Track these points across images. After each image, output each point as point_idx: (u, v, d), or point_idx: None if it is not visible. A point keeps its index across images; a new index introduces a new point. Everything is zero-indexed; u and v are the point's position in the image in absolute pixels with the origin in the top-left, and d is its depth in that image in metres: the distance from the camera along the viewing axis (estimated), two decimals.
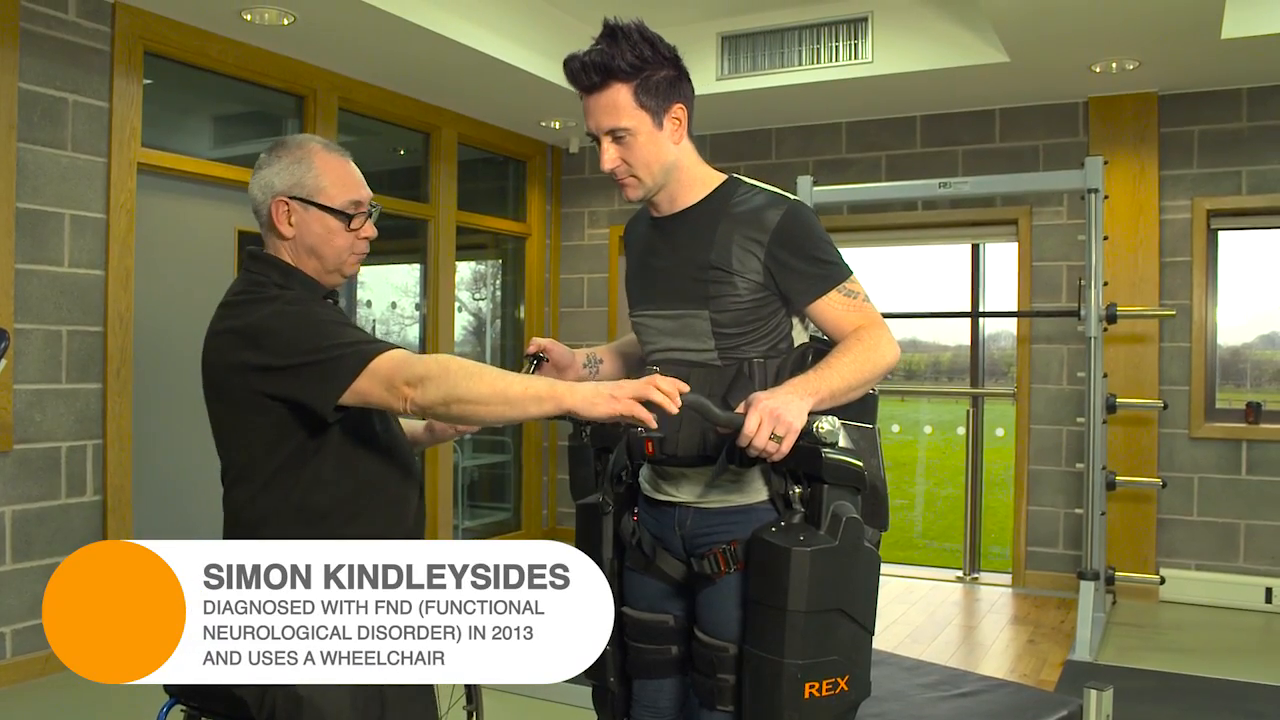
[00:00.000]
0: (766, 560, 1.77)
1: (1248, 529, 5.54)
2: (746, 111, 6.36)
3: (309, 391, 1.72)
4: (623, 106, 1.89)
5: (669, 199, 2.00)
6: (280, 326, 1.74)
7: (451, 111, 6.41)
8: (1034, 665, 4.57)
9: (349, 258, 1.90)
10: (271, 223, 1.86)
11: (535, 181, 7.33)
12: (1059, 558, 5.95)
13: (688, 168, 1.99)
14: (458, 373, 1.67)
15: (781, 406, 1.70)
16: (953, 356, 8.45)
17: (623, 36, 1.88)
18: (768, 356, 1.94)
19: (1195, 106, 5.67)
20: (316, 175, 1.85)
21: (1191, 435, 5.67)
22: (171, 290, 4.82)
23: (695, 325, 1.94)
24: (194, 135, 5.19)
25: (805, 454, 1.74)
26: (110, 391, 4.43)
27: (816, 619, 1.72)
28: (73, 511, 4.32)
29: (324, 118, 5.50)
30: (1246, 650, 4.85)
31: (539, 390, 1.67)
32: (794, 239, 1.90)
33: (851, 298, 1.91)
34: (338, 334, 1.74)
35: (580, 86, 1.93)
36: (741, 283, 1.90)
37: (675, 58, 1.94)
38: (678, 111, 1.94)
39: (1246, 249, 5.86)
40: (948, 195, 5.54)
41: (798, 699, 1.72)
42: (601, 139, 1.94)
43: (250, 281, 1.86)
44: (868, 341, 1.86)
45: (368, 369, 1.69)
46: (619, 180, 1.97)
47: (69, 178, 4.28)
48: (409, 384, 1.67)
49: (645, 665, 2.06)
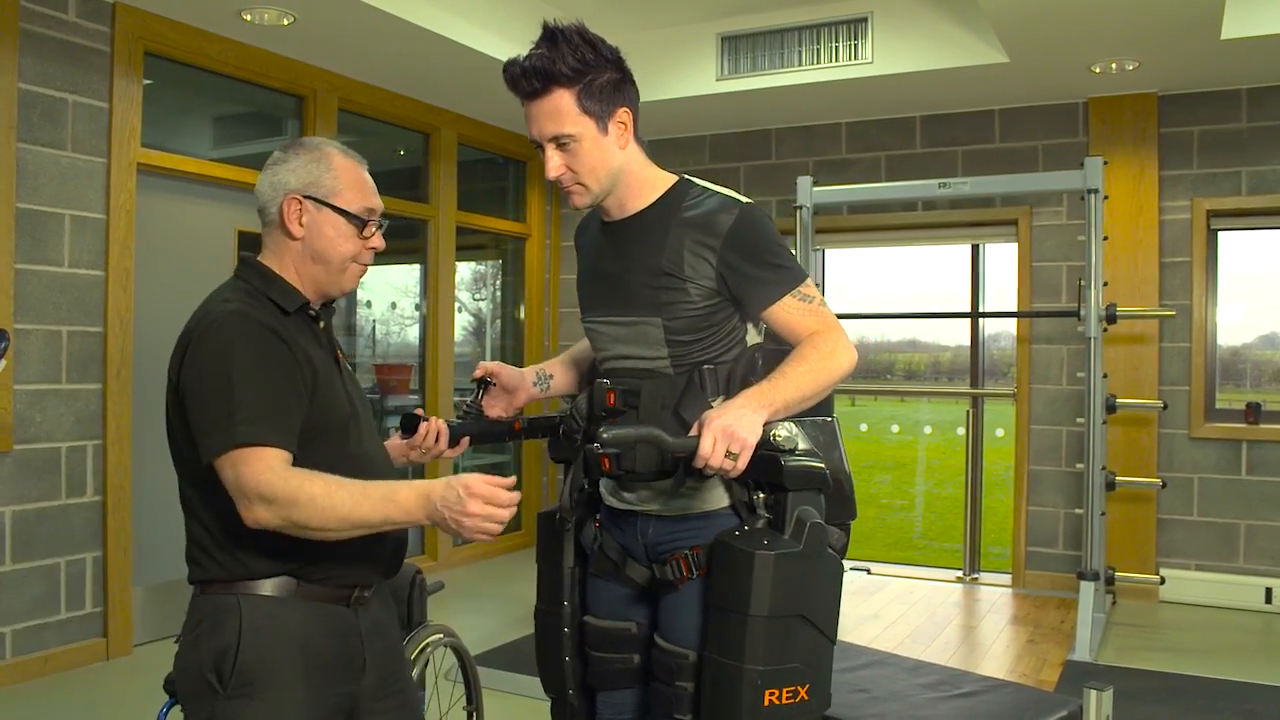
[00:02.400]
0: (729, 564, 1.74)
1: (1248, 529, 5.54)
2: (746, 112, 6.37)
3: (194, 435, 1.66)
4: (565, 112, 1.83)
5: (618, 204, 1.94)
6: (203, 348, 1.68)
7: (451, 112, 6.41)
8: (1034, 665, 4.57)
9: (352, 266, 1.83)
10: (281, 221, 1.79)
11: (535, 182, 7.33)
12: (1059, 558, 5.95)
13: (635, 171, 1.92)
14: (304, 495, 1.58)
15: (734, 423, 1.68)
16: (952, 357, 8.46)
17: (563, 40, 1.82)
18: (719, 362, 1.90)
19: (1195, 107, 5.67)
20: (334, 177, 1.80)
21: (1191, 435, 5.67)
22: (171, 291, 4.81)
23: (648, 332, 1.90)
24: (194, 136, 5.19)
25: (765, 463, 1.72)
26: (110, 392, 4.43)
27: (778, 624, 1.70)
28: (72, 512, 4.32)
29: (324, 118, 5.50)
30: (1246, 650, 4.85)
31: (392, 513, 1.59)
32: (747, 244, 1.84)
33: (807, 302, 1.86)
34: (240, 390, 1.63)
35: (521, 93, 1.88)
36: (694, 289, 1.85)
37: (618, 60, 1.88)
38: (622, 115, 1.88)
39: (1246, 249, 5.86)
40: (947, 195, 5.54)
41: (757, 707, 1.68)
42: (545, 146, 1.87)
43: (231, 288, 1.80)
44: (823, 349, 1.81)
45: (233, 455, 1.60)
46: (564, 188, 1.91)
47: (69, 178, 4.29)
48: (259, 498, 1.58)
49: (607, 676, 2.01)
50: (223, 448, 1.61)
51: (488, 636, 4.81)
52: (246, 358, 1.66)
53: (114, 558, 4.44)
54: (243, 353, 1.66)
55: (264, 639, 1.67)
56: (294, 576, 1.71)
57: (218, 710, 1.66)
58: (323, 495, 1.58)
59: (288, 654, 1.68)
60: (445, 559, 6.46)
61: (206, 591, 1.73)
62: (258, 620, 1.68)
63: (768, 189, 6.71)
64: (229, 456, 1.61)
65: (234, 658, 1.66)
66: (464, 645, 2.90)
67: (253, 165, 5.22)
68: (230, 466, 1.61)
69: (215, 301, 1.76)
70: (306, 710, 1.69)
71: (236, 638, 1.66)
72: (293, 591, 1.71)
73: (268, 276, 1.80)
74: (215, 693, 1.66)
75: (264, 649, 1.67)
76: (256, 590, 1.70)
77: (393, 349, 6.80)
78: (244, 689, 1.65)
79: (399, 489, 1.61)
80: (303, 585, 1.72)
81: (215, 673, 1.66)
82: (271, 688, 1.66)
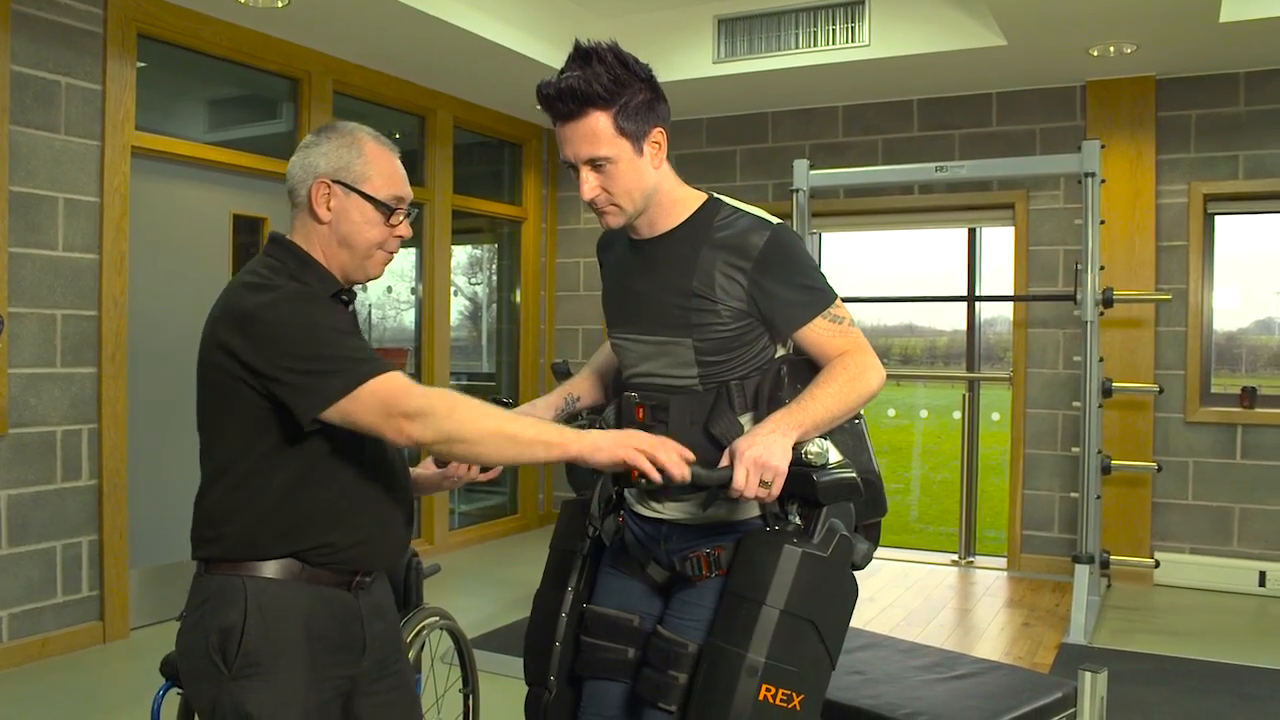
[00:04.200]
0: (754, 552, 1.75)
1: (1242, 513, 5.56)
2: (743, 95, 6.34)
3: (291, 398, 1.64)
4: (602, 134, 1.80)
5: (648, 223, 1.93)
6: (276, 323, 1.65)
7: (447, 95, 6.39)
8: (1029, 648, 4.59)
9: (378, 253, 1.83)
10: (309, 204, 1.79)
11: (531, 165, 7.31)
12: (1054, 541, 5.97)
13: (667, 191, 1.91)
14: (462, 410, 1.62)
15: (765, 453, 1.68)
16: (949, 341, 8.46)
17: (597, 59, 1.79)
18: (746, 378, 1.90)
19: (1193, 90, 5.65)
20: (365, 163, 1.79)
21: (1187, 419, 5.68)
22: (166, 274, 4.80)
23: (678, 352, 1.90)
24: (188, 118, 5.17)
25: (798, 479, 1.72)
26: (105, 376, 4.42)
27: (789, 622, 1.70)
28: (68, 496, 4.32)
29: (318, 101, 5.47)
30: (1240, 633, 4.87)
31: (547, 436, 1.65)
32: (778, 265, 1.84)
33: (837, 323, 1.86)
34: (333, 344, 1.64)
35: (556, 115, 1.83)
36: (725, 310, 1.85)
37: (650, 78, 1.86)
38: (656, 135, 1.87)
39: (1243, 233, 5.86)
40: (944, 179, 5.53)
41: (750, 698, 1.68)
42: (580, 168, 1.85)
43: (264, 265, 1.78)
44: (852, 369, 1.82)
45: (360, 390, 1.60)
46: (599, 209, 1.89)
47: (62, 161, 4.27)
48: (407, 416, 1.60)
49: (597, 663, 1.99)
50: (350, 386, 1.60)
51: (484, 620, 4.82)
52: (330, 320, 1.69)
53: (110, 541, 4.44)
54: (326, 317, 1.69)
55: (269, 621, 1.67)
56: (300, 560, 1.72)
57: (222, 691, 1.66)
58: (465, 402, 1.62)
59: (292, 636, 1.69)
60: (441, 542, 6.47)
61: (211, 571, 1.73)
62: (263, 601, 1.68)
63: (764, 172, 6.70)
64: (360, 391, 1.60)
65: (239, 639, 1.66)
66: (460, 628, 2.90)
67: (247, 149, 5.20)
68: (367, 398, 1.60)
69: (254, 277, 1.75)
70: (308, 692, 1.70)
71: (242, 619, 1.66)
72: (297, 575, 1.71)
73: (303, 260, 1.80)
74: (220, 673, 1.66)
75: (269, 631, 1.67)
76: (261, 572, 1.69)
77: (389, 333, 6.79)
78: (249, 670, 1.66)
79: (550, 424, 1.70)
80: (307, 569, 1.72)
81: (220, 653, 1.66)
82: (276, 670, 1.67)
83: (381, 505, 1.81)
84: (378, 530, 1.79)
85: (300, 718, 1.68)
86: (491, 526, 7.05)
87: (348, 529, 1.74)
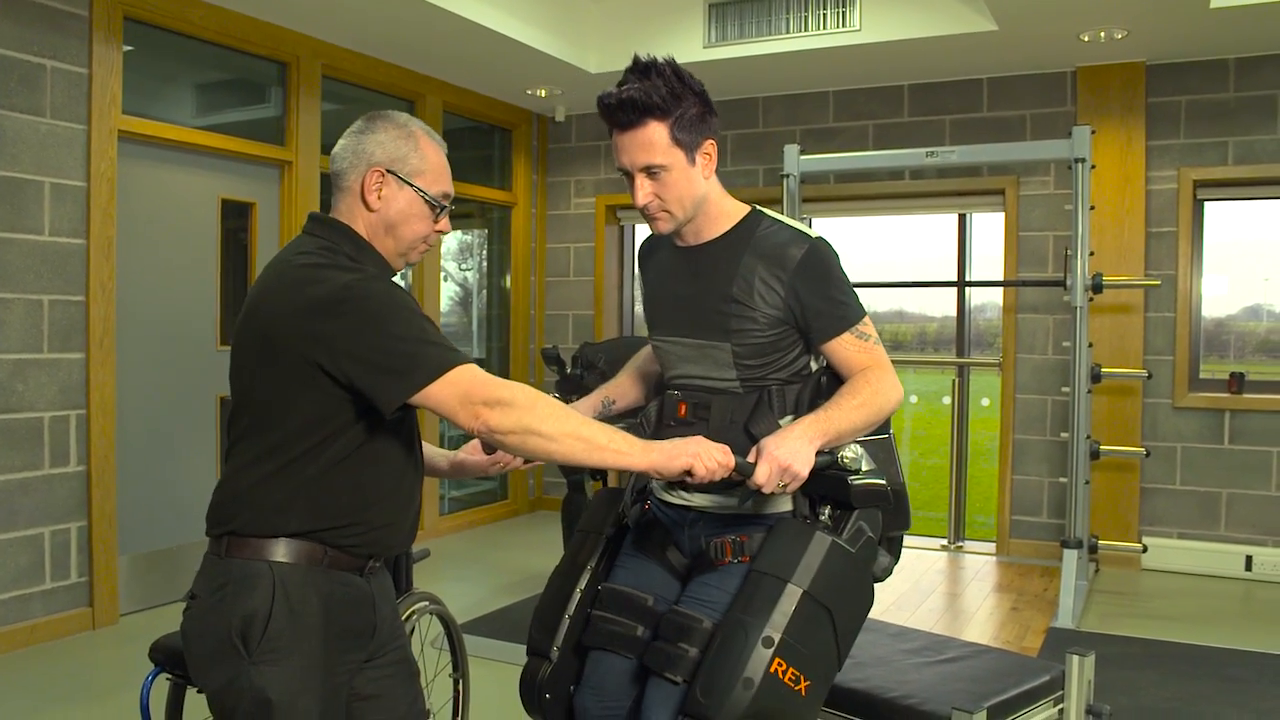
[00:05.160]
0: (785, 536, 1.83)
1: (1229, 498, 5.59)
2: (733, 80, 6.33)
3: (376, 384, 1.65)
4: (658, 143, 1.91)
5: (694, 231, 2.04)
6: (365, 303, 1.66)
7: (436, 79, 6.35)
8: (1017, 632, 4.61)
9: (420, 245, 1.86)
10: (360, 191, 1.80)
11: (521, 150, 7.29)
12: (1043, 526, 5.99)
13: (715, 200, 2.02)
14: (543, 407, 1.67)
15: (791, 458, 1.78)
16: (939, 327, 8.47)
17: (655, 72, 1.91)
18: (788, 383, 1.99)
19: (1183, 76, 5.65)
20: (420, 158, 1.83)
21: (1175, 405, 5.70)
22: (155, 259, 4.78)
23: (717, 355, 1.99)
24: (176, 103, 5.13)
25: (833, 483, 1.83)
26: (93, 361, 4.40)
27: (809, 605, 1.76)
28: (56, 482, 4.30)
29: (307, 85, 5.44)
30: (1226, 617, 4.90)
31: (618, 445, 1.71)
32: (814, 277, 1.93)
33: (864, 340, 1.96)
34: (420, 327, 1.68)
35: (616, 124, 1.94)
36: (762, 317, 1.94)
37: (703, 92, 1.97)
38: (708, 147, 1.98)
39: (1232, 220, 5.87)
40: (935, 164, 5.52)
41: (762, 667, 1.70)
42: (636, 175, 1.95)
43: (316, 245, 1.77)
44: (875, 384, 1.92)
45: (447, 376, 1.65)
46: (651, 214, 1.99)
47: (48, 145, 4.23)
48: (487, 404, 1.64)
49: (604, 635, 2.01)
50: (439, 371, 1.64)
51: (474, 605, 4.82)
52: (411, 303, 1.72)
53: (98, 527, 4.43)
54: (407, 300, 1.72)
55: (294, 606, 1.69)
56: (321, 542, 1.73)
57: (241, 674, 1.67)
58: (554, 403, 1.69)
59: (313, 622, 1.70)
60: (431, 527, 6.46)
61: (232, 554, 1.72)
62: (289, 588, 1.69)
63: (755, 157, 6.69)
64: (448, 376, 1.65)
65: (265, 624, 1.66)
66: (449, 613, 2.90)
67: (235, 133, 5.17)
68: (451, 384, 1.65)
69: (318, 258, 1.74)
70: (326, 676, 1.72)
71: (269, 604, 1.67)
72: (319, 560, 1.72)
73: (359, 244, 1.81)
74: (240, 656, 1.67)
75: (294, 616, 1.68)
76: (283, 555, 1.70)
77: None
78: (270, 655, 1.67)
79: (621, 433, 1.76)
80: (329, 553, 1.73)
81: (242, 637, 1.67)
82: (296, 655, 1.68)
83: (406, 492, 1.85)
84: (399, 516, 1.84)
85: (318, 701, 1.70)
86: (481, 512, 7.05)
87: (377, 511, 1.78)
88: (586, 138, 7.32)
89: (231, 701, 1.69)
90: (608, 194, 7.23)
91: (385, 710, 1.87)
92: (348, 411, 1.70)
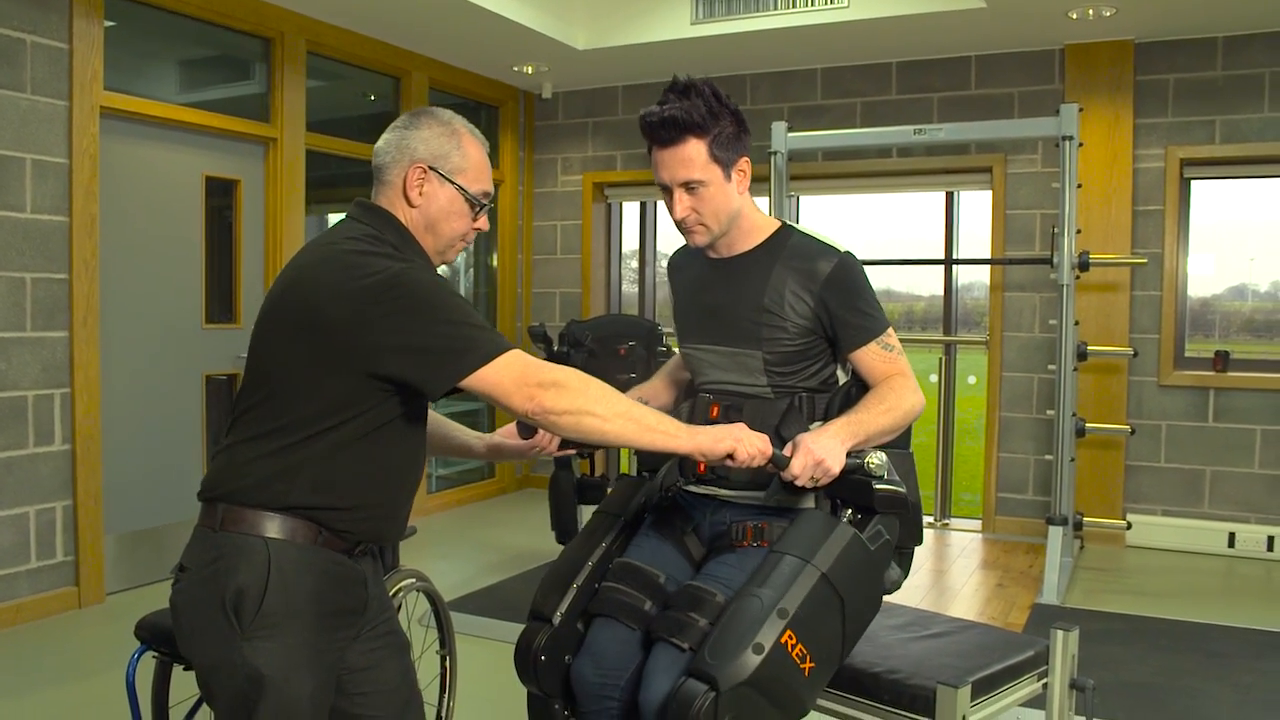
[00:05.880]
0: (809, 523, 1.90)
1: (1213, 475, 5.62)
2: (721, 57, 6.29)
3: (427, 368, 1.66)
4: (697, 160, 2.01)
5: (728, 244, 2.13)
6: (412, 293, 1.66)
7: (422, 56, 6.31)
8: (1002, 608, 4.64)
9: (458, 243, 1.88)
10: (402, 188, 1.82)
11: (508, 127, 7.25)
12: (1028, 504, 6.02)
13: (748, 215, 2.12)
14: (595, 389, 1.72)
15: (826, 455, 1.87)
16: (926, 307, 8.49)
17: (695, 92, 2.00)
18: (817, 391, 2.10)
19: (1171, 54, 5.65)
20: (462, 156, 1.85)
21: (1160, 383, 5.73)
22: (139, 237, 4.74)
23: (748, 363, 2.10)
24: (159, 79, 5.08)
25: (857, 486, 1.91)
26: (77, 340, 4.37)
27: (824, 589, 1.81)
28: (41, 461, 4.28)
29: (291, 62, 5.40)
30: (1209, 593, 4.94)
31: (667, 428, 1.77)
32: (843, 290, 2.04)
33: (888, 350, 2.06)
34: (470, 315, 1.70)
35: (656, 141, 2.03)
36: (792, 326, 2.05)
37: (738, 112, 2.07)
38: (743, 164, 2.08)
39: (1219, 200, 5.88)
40: (923, 142, 5.51)
41: (774, 635, 1.73)
42: (674, 190, 2.04)
43: (362, 232, 1.77)
44: (899, 392, 2.03)
45: (501, 359, 1.67)
46: (688, 227, 2.09)
47: (29, 121, 4.19)
48: (541, 385, 1.68)
49: (611, 603, 2.02)
50: (491, 355, 1.67)
51: (461, 583, 4.83)
52: (455, 293, 1.74)
53: (84, 506, 4.41)
54: (451, 290, 1.74)
55: (289, 583, 1.68)
56: (318, 523, 1.72)
57: (233, 649, 1.67)
58: (605, 386, 1.73)
59: (307, 600, 1.70)
60: (418, 505, 6.46)
61: (226, 528, 1.71)
62: (283, 564, 1.68)
63: None
64: (500, 359, 1.67)
65: (260, 599, 1.66)
66: (436, 590, 2.91)
67: (219, 109, 5.13)
68: (504, 367, 1.67)
69: (365, 244, 1.74)
70: (316, 654, 1.72)
71: (264, 579, 1.67)
72: (313, 539, 1.72)
73: (405, 236, 1.83)
74: (232, 631, 1.66)
75: (288, 593, 1.68)
76: (279, 533, 1.69)
77: None
78: (263, 631, 1.66)
79: (669, 417, 1.81)
80: (324, 534, 1.73)
81: (235, 611, 1.66)
82: (289, 632, 1.68)
83: (408, 484, 1.86)
84: (397, 507, 1.85)
85: (310, 678, 1.70)
86: (469, 490, 7.05)
87: (377, 498, 1.78)
88: (574, 115, 7.28)
89: (222, 677, 1.69)
90: (595, 171, 7.20)
91: (377, 681, 1.88)
92: (373, 398, 1.71)
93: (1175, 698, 3.49)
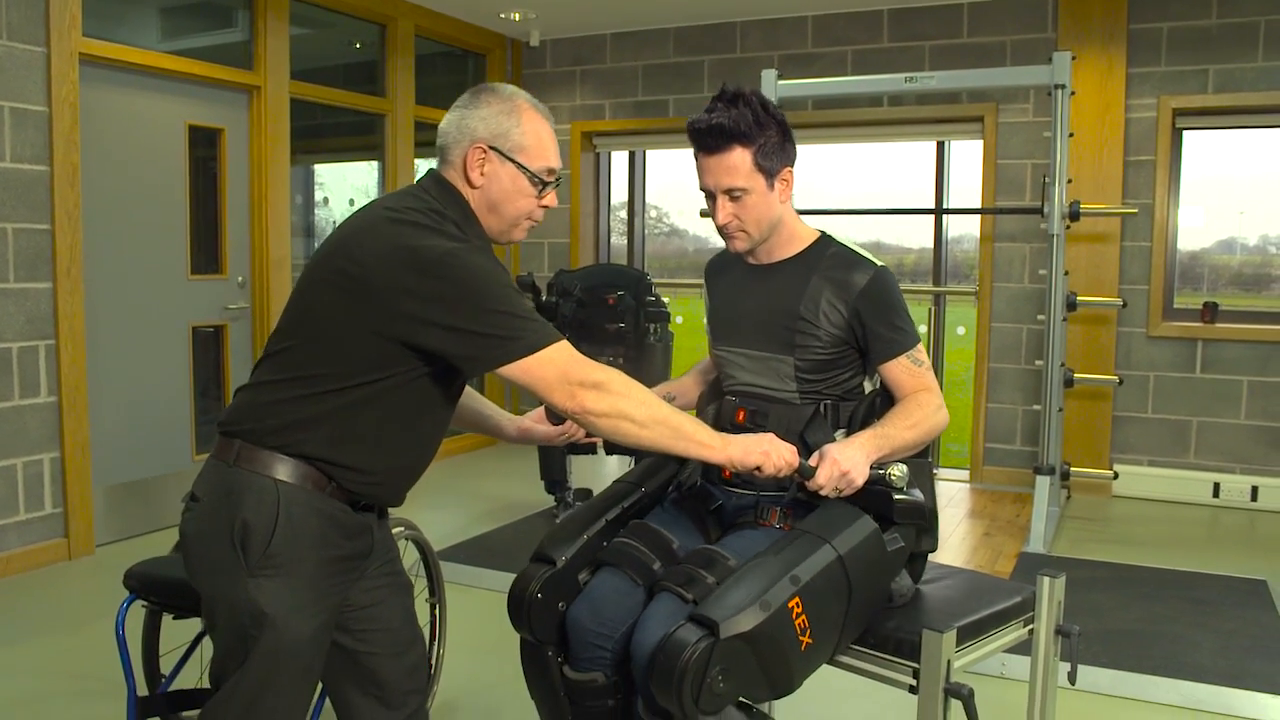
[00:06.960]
0: (834, 509, 1.94)
1: (1199, 426, 5.66)
2: (711, 4, 6.21)
3: (469, 349, 1.67)
4: (741, 168, 2.05)
5: (767, 251, 2.18)
6: (464, 274, 1.65)
7: (408, 2, 6.21)
8: (989, 557, 4.68)
9: (523, 223, 1.86)
10: (463, 168, 1.80)
11: (495, 76, 7.16)
12: (1016, 454, 6.06)
13: (788, 224, 2.16)
14: (636, 393, 1.73)
15: (851, 467, 1.91)
16: (916, 259, 8.46)
17: (743, 102, 2.05)
18: (843, 399, 2.14)
19: (1165, 2, 5.59)
20: (523, 133, 1.81)
21: (1149, 334, 5.74)
22: (122, 187, 4.69)
23: (779, 368, 2.14)
24: (140, 26, 4.99)
25: (879, 497, 1.94)
26: (61, 291, 4.33)
27: (838, 571, 1.84)
28: (27, 413, 4.26)
29: (276, 10, 5.30)
30: (1194, 542, 4.99)
31: (702, 437, 1.79)
32: (877, 303, 2.08)
33: (917, 365, 2.10)
34: (520, 304, 1.69)
35: (703, 148, 2.08)
36: (825, 335, 2.09)
37: (783, 121, 2.10)
38: (786, 174, 2.12)
39: (1210, 153, 5.84)
40: (914, 90, 5.46)
41: (782, 598, 1.74)
42: (718, 196, 2.09)
43: (430, 209, 1.74)
44: (926, 408, 2.06)
45: (545, 352, 1.67)
46: (729, 233, 2.13)
47: (5, 68, 4.12)
48: (583, 385, 1.69)
49: (619, 554, 2.04)
50: (537, 346, 1.67)
51: (451, 533, 4.84)
52: (508, 280, 1.73)
53: (72, 458, 4.40)
54: (507, 276, 1.74)
55: (296, 525, 1.69)
56: (329, 476, 1.72)
57: (237, 585, 1.67)
58: (645, 390, 1.75)
59: (312, 543, 1.71)
60: None
61: (240, 465, 1.71)
62: (293, 508, 1.69)
63: (732, 83, 6.58)
64: (545, 353, 1.68)
65: (268, 538, 1.67)
66: (425, 539, 2.91)
67: (202, 57, 5.04)
68: (547, 360, 1.68)
69: (426, 219, 1.71)
70: (318, 597, 1.73)
71: (273, 519, 1.67)
72: (323, 488, 1.72)
73: (468, 215, 1.81)
74: (237, 565, 1.67)
75: (295, 535, 1.69)
76: (289, 476, 1.70)
77: None
78: (268, 569, 1.67)
79: (704, 426, 1.84)
80: (331, 486, 1.73)
81: (242, 545, 1.67)
82: (294, 574, 1.69)
83: (424, 456, 1.87)
84: (406, 476, 1.86)
85: (309, 619, 1.72)
86: (459, 440, 7.06)
87: (389, 462, 1.78)
88: (562, 63, 7.19)
89: (225, 609, 1.71)
90: (583, 120, 7.13)
91: (379, 619, 1.89)
92: (404, 364, 1.70)
93: (1159, 643, 3.53)
